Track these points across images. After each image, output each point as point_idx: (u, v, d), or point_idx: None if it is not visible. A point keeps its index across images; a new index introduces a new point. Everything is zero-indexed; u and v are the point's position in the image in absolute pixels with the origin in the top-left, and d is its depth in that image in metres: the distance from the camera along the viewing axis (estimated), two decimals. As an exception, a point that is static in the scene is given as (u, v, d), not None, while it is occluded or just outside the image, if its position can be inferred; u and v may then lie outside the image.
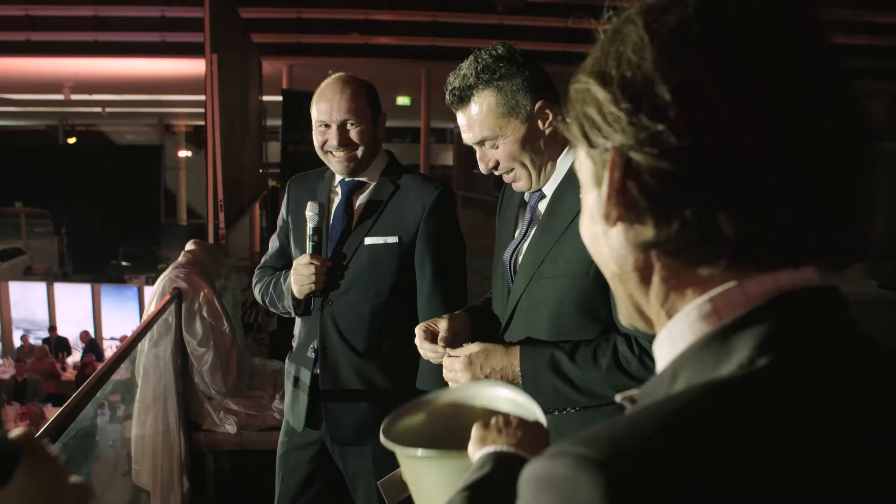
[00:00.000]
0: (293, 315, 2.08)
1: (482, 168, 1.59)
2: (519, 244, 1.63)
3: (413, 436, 1.13)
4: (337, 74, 2.05)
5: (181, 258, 3.49)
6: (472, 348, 1.50)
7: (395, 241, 1.99)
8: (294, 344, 2.16)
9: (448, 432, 1.16)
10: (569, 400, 1.43)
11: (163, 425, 3.06)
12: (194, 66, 9.47)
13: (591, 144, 0.60)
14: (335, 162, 2.01)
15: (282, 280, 2.07)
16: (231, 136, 5.31)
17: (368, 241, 2.00)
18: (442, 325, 1.60)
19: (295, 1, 10.33)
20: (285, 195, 2.20)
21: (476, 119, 1.54)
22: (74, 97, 12.82)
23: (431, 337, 1.59)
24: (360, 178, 2.07)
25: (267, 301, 2.14)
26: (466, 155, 14.98)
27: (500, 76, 1.52)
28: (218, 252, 3.96)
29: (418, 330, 1.61)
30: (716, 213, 0.54)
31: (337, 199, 2.07)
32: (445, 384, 1.52)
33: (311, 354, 2.06)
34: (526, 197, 1.67)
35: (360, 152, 1.99)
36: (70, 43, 10.08)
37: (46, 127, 18.43)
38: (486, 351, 1.49)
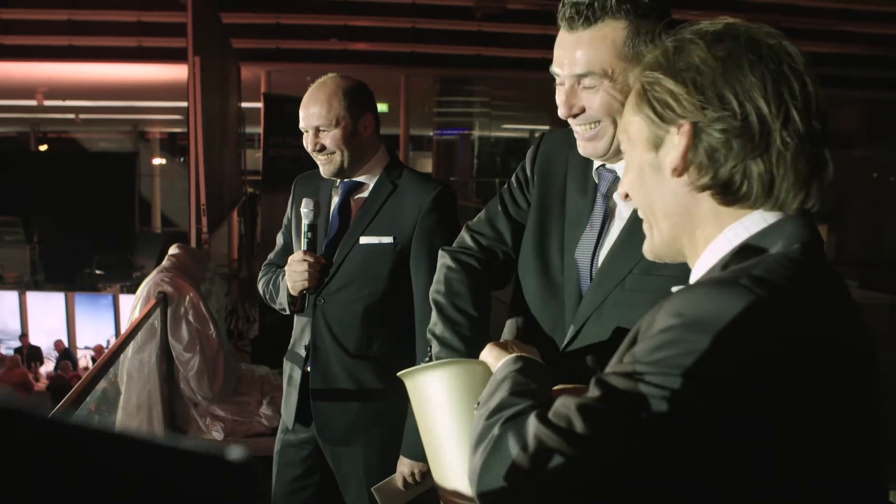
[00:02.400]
0: (289, 312, 2.06)
1: (562, 111, 1.32)
2: (598, 243, 1.37)
3: None
4: (321, 78, 2.05)
5: (165, 262, 3.43)
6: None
7: (389, 241, 1.97)
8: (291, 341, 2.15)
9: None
10: None
11: (147, 432, 3.00)
12: (171, 72, 9.38)
13: (662, 119, 0.90)
14: (319, 165, 2.03)
15: (279, 277, 2.06)
16: (212, 140, 5.25)
17: (363, 240, 1.98)
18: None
19: (274, 6, 10.27)
20: (291, 194, 2.19)
21: (591, 47, 1.27)
22: (48, 103, 12.61)
23: None
24: (359, 179, 2.06)
25: (267, 297, 2.14)
26: (445, 162, 14.97)
27: (641, 14, 1.27)
28: (202, 256, 3.91)
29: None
30: (751, 167, 0.86)
31: (336, 198, 2.06)
32: None
33: (302, 352, 2.05)
34: (594, 176, 1.40)
35: (337, 156, 1.98)
36: (44, 47, 9.93)
37: (17, 133, 18.14)
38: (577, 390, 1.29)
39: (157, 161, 17.68)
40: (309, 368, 2.04)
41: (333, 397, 2.02)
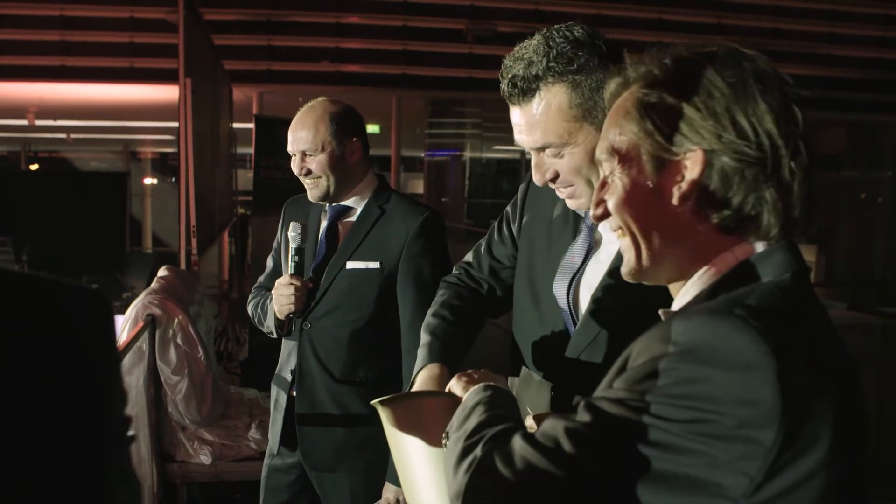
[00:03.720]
0: (276, 336, 2.06)
1: (536, 178, 1.29)
2: (576, 275, 1.32)
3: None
4: (310, 102, 2.06)
5: (154, 284, 3.42)
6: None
7: (376, 266, 1.97)
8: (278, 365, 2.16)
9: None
10: None
11: (134, 456, 2.97)
12: (163, 93, 9.39)
13: (671, 143, 0.86)
14: (307, 189, 2.04)
15: (267, 300, 2.06)
16: (203, 161, 5.26)
17: (350, 265, 1.99)
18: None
19: (266, 29, 10.32)
20: (281, 217, 2.20)
21: (540, 119, 1.22)
22: (39, 122, 12.59)
23: None
24: (346, 203, 2.07)
25: (256, 320, 2.15)
26: (437, 183, 14.99)
27: (577, 68, 1.20)
28: (191, 278, 3.90)
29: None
30: (763, 196, 0.85)
31: (324, 223, 2.07)
32: None
33: (288, 376, 2.05)
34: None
35: (323, 181, 1.99)
36: (36, 67, 9.93)
37: (8, 153, 18.11)
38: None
39: (149, 181, 17.64)
40: (295, 393, 2.04)
41: (319, 423, 2.01)
